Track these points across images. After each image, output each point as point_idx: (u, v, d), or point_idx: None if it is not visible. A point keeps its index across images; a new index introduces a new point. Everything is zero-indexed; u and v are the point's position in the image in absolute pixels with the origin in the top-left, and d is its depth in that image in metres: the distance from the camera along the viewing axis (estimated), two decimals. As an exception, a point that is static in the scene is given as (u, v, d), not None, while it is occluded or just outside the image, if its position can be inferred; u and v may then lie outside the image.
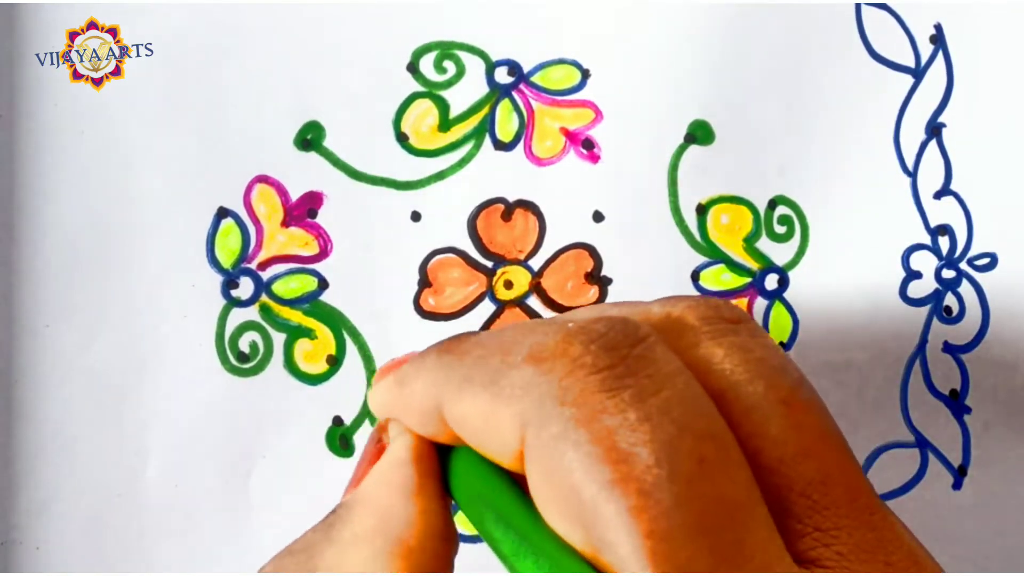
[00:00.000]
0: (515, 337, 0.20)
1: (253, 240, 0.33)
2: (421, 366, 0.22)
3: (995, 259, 0.34)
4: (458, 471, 0.22)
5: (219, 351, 0.33)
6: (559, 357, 0.19)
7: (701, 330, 0.21)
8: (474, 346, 0.21)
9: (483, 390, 0.20)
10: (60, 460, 0.33)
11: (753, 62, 0.33)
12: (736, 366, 0.20)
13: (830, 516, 0.20)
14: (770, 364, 0.21)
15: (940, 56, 0.34)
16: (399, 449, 0.22)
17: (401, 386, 0.22)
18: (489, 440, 0.20)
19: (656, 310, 0.21)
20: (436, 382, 0.21)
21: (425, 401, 0.21)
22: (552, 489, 0.18)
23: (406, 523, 0.21)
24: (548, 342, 0.19)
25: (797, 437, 0.20)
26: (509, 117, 0.34)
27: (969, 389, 0.33)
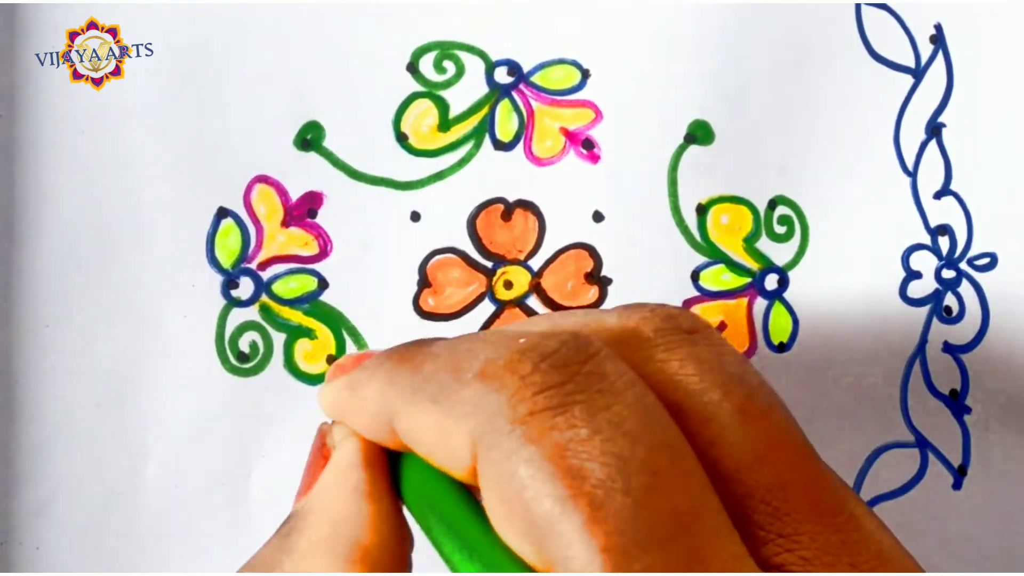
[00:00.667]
0: (468, 351, 0.20)
1: (253, 240, 0.33)
2: (373, 374, 0.22)
3: (995, 259, 0.34)
4: (409, 478, 0.22)
5: (219, 351, 0.33)
6: (509, 375, 0.19)
7: (656, 342, 0.21)
8: (427, 358, 0.21)
9: (434, 405, 0.20)
10: (60, 460, 0.33)
11: (753, 62, 0.33)
12: (691, 376, 0.20)
13: (791, 521, 0.20)
14: (726, 372, 0.21)
15: (940, 56, 0.34)
16: (348, 453, 0.22)
17: (352, 391, 0.22)
18: (441, 455, 0.20)
19: (612, 321, 0.21)
20: (387, 393, 0.21)
21: (376, 410, 0.21)
22: (506, 506, 0.18)
23: (362, 527, 0.21)
24: (499, 359, 0.19)
25: (754, 445, 0.20)
26: (509, 117, 0.34)
27: (969, 389, 0.33)
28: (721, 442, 0.20)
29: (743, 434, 0.20)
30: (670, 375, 0.20)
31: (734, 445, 0.20)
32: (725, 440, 0.20)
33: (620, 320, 0.22)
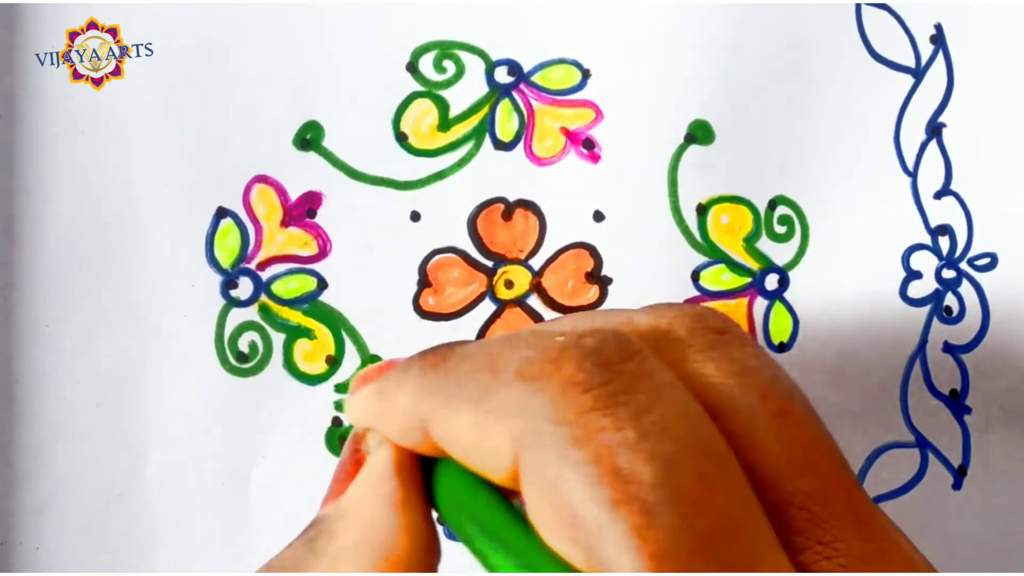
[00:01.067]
0: (502, 351, 0.20)
1: (252, 240, 0.33)
2: (404, 378, 0.21)
3: (995, 259, 0.33)
4: (444, 486, 0.21)
5: (218, 351, 0.33)
6: (551, 375, 0.19)
7: (689, 342, 0.21)
8: (460, 360, 0.20)
9: (473, 408, 0.19)
10: (60, 460, 0.33)
11: (753, 62, 0.33)
12: (728, 379, 0.20)
13: (830, 529, 0.19)
14: (762, 376, 0.20)
15: (940, 56, 0.34)
16: (381, 461, 0.22)
17: (382, 398, 0.22)
18: (480, 458, 0.20)
19: (642, 320, 0.21)
20: (420, 397, 0.21)
21: (408, 415, 0.21)
22: (551, 510, 0.18)
23: (392, 537, 0.21)
24: (538, 358, 0.19)
25: (793, 451, 0.20)
26: (509, 117, 0.34)
27: (969, 389, 0.33)
28: (761, 447, 0.19)
29: (782, 439, 0.20)
30: (707, 377, 0.20)
31: (773, 450, 0.19)
32: (764, 445, 0.19)
33: (649, 320, 0.21)
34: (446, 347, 0.21)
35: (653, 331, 0.21)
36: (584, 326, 0.21)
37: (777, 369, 0.21)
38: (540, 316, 0.34)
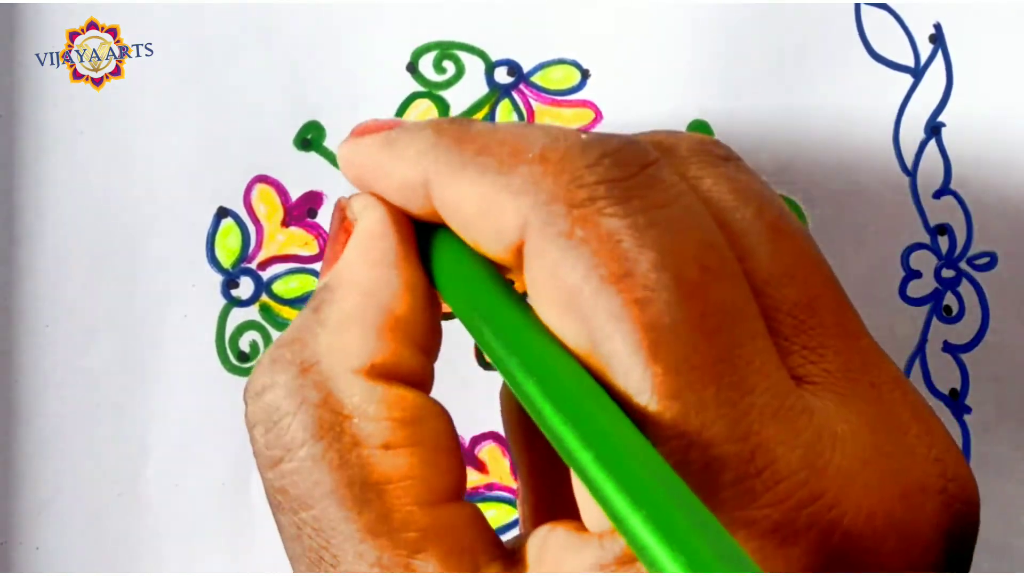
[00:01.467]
0: (525, 134, 0.20)
1: (253, 240, 0.34)
2: (417, 135, 0.21)
3: (995, 258, 0.34)
4: (440, 255, 0.21)
5: (219, 351, 0.33)
6: (573, 160, 0.19)
7: (690, 160, 0.21)
8: (480, 133, 0.20)
9: (487, 177, 0.19)
10: (60, 460, 0.33)
11: (752, 62, 0.34)
12: (725, 193, 0.20)
13: (816, 336, 0.20)
14: (758, 194, 0.21)
15: (940, 56, 0.34)
16: (373, 222, 0.22)
17: (389, 148, 0.22)
18: (482, 229, 0.20)
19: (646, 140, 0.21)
20: (432, 156, 0.20)
21: (413, 171, 0.21)
22: (552, 284, 0.18)
23: (392, 295, 0.21)
24: (561, 145, 0.19)
25: (784, 261, 0.20)
26: (509, 117, 0.34)
27: (969, 389, 0.33)
28: (753, 255, 0.20)
29: (774, 250, 0.20)
30: (704, 191, 0.20)
31: (765, 259, 0.20)
32: (757, 254, 0.20)
33: (655, 138, 0.21)
34: (460, 119, 0.21)
35: (658, 145, 0.21)
36: None
37: (773, 193, 0.21)
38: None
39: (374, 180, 0.22)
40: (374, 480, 0.19)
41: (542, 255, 0.18)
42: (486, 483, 0.33)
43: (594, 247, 0.18)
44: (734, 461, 0.17)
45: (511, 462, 0.33)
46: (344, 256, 0.22)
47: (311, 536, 0.20)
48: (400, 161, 0.21)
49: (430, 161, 0.20)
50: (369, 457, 0.20)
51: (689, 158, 0.21)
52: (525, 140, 0.20)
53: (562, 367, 0.18)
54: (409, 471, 0.20)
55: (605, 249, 0.18)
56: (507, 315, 0.19)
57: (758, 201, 0.21)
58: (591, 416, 0.17)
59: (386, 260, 0.21)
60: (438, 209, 0.21)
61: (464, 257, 0.21)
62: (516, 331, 0.19)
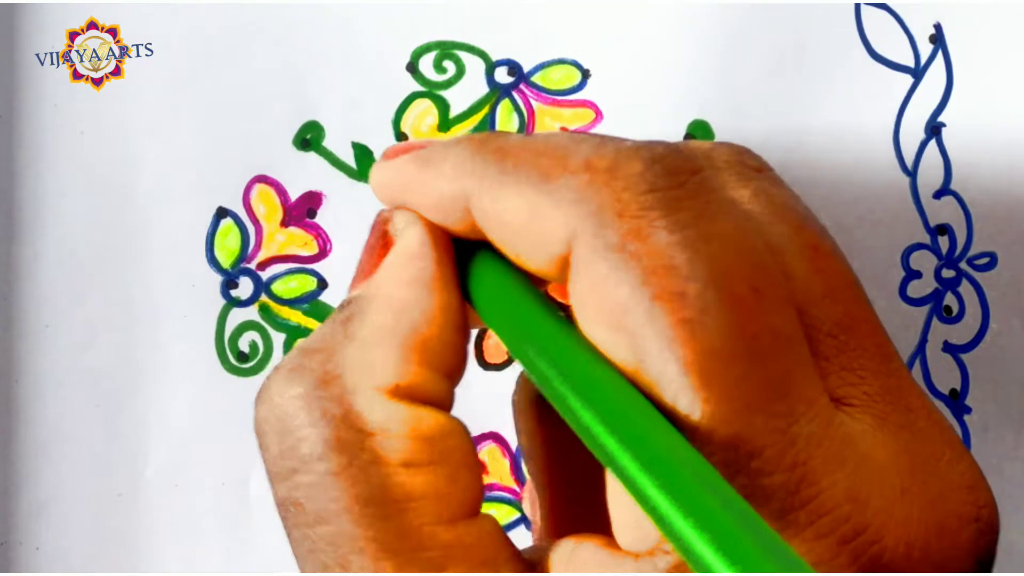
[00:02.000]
0: (567, 143, 0.19)
1: (252, 240, 0.34)
2: (453, 149, 0.21)
3: (995, 259, 0.33)
4: (480, 273, 0.21)
5: (219, 351, 0.33)
6: (620, 169, 0.18)
7: (727, 171, 0.20)
8: (520, 144, 0.20)
9: (532, 188, 0.19)
10: (60, 460, 0.33)
11: (752, 62, 0.33)
12: (763, 208, 0.20)
13: (856, 357, 0.19)
14: (796, 211, 0.20)
15: (940, 56, 0.34)
16: (412, 240, 0.21)
17: (424, 166, 0.21)
18: (526, 241, 0.19)
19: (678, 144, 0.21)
20: (470, 169, 0.20)
21: (451, 186, 0.20)
22: (600, 300, 0.18)
23: (424, 316, 0.20)
24: (608, 153, 0.19)
25: (823, 280, 0.20)
26: (509, 117, 0.34)
27: (969, 389, 0.33)
28: (793, 274, 0.19)
29: (813, 268, 0.20)
30: (743, 205, 0.20)
31: (804, 279, 0.19)
32: (796, 273, 0.19)
33: (688, 146, 0.21)
34: (496, 132, 0.21)
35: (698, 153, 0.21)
36: None
37: (809, 210, 0.21)
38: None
39: (411, 198, 0.22)
40: (394, 498, 0.19)
41: (590, 268, 0.18)
42: (486, 483, 0.33)
43: (645, 263, 0.17)
44: (780, 492, 0.17)
45: (511, 463, 0.33)
46: (380, 271, 0.21)
47: (326, 552, 0.19)
48: (438, 177, 0.21)
49: (469, 174, 0.20)
50: (390, 475, 0.19)
51: (726, 169, 0.20)
52: (568, 149, 0.19)
53: (613, 387, 0.18)
54: (430, 490, 0.19)
55: (656, 265, 0.17)
56: (551, 334, 0.19)
57: (796, 217, 0.20)
58: (646, 437, 0.17)
59: (423, 280, 0.21)
60: (479, 222, 0.20)
61: (504, 275, 0.20)
62: (562, 351, 0.18)
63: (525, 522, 0.33)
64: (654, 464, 0.16)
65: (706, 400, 0.17)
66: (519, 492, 0.33)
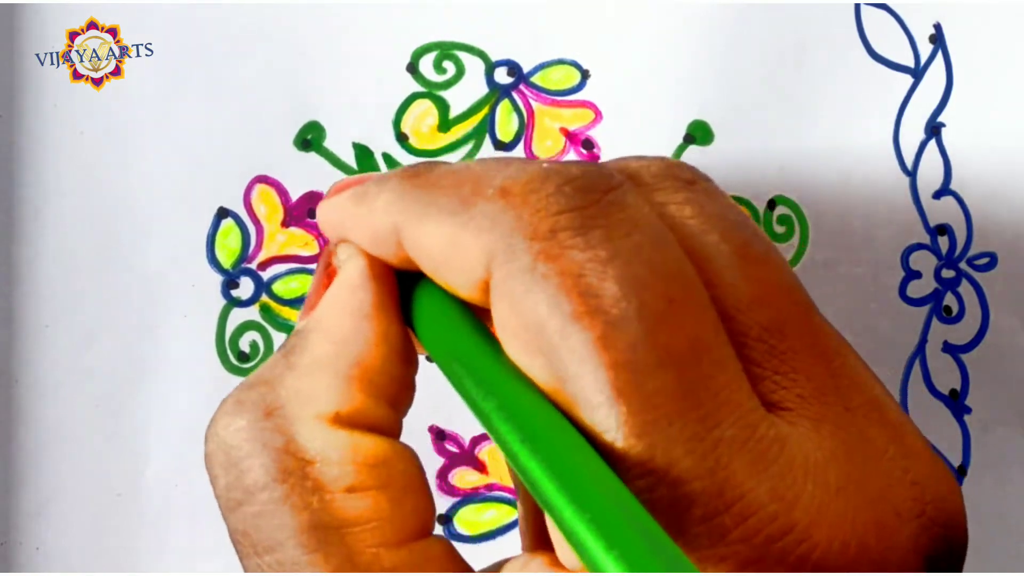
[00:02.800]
0: (486, 170, 0.20)
1: (253, 240, 0.34)
2: (383, 186, 0.21)
3: (995, 259, 0.34)
4: (419, 303, 0.21)
5: (219, 351, 0.33)
6: (532, 192, 0.19)
7: (655, 186, 0.21)
8: (442, 174, 0.20)
9: (450, 218, 0.19)
10: (60, 460, 0.33)
11: (753, 62, 0.34)
12: (691, 218, 0.20)
13: (788, 360, 0.19)
14: (725, 218, 0.21)
15: (939, 56, 0.34)
16: (352, 272, 0.22)
17: (359, 202, 0.22)
18: (450, 270, 0.20)
19: (611, 166, 0.21)
20: (397, 204, 0.20)
21: (383, 220, 0.21)
22: (517, 322, 0.18)
23: (363, 346, 0.21)
24: (521, 177, 0.19)
25: (752, 286, 0.20)
26: (509, 117, 0.34)
27: (969, 389, 0.33)
28: (720, 282, 0.19)
29: (742, 275, 0.20)
30: (669, 216, 0.20)
31: (733, 285, 0.20)
32: (724, 280, 0.20)
33: (619, 164, 0.21)
34: (426, 163, 0.21)
35: (622, 170, 0.21)
36: None
37: (742, 216, 0.21)
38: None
39: (350, 233, 0.22)
40: (338, 523, 0.19)
41: (505, 291, 0.18)
42: (486, 483, 0.33)
43: (556, 282, 0.18)
44: (702, 497, 0.17)
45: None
46: (321, 304, 0.22)
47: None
48: (371, 212, 0.21)
49: (397, 209, 0.20)
50: (332, 501, 0.19)
51: (654, 184, 0.21)
52: (486, 175, 0.19)
53: (531, 405, 0.18)
54: (374, 514, 0.20)
55: (568, 284, 0.18)
56: (476, 356, 0.19)
57: (724, 225, 0.20)
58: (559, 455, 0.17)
59: (361, 311, 0.21)
60: (410, 254, 0.21)
61: (439, 302, 0.21)
62: (484, 372, 0.19)
63: (525, 522, 0.33)
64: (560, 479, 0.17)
65: (622, 414, 0.17)
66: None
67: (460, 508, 0.33)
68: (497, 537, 0.33)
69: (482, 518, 0.33)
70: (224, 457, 0.20)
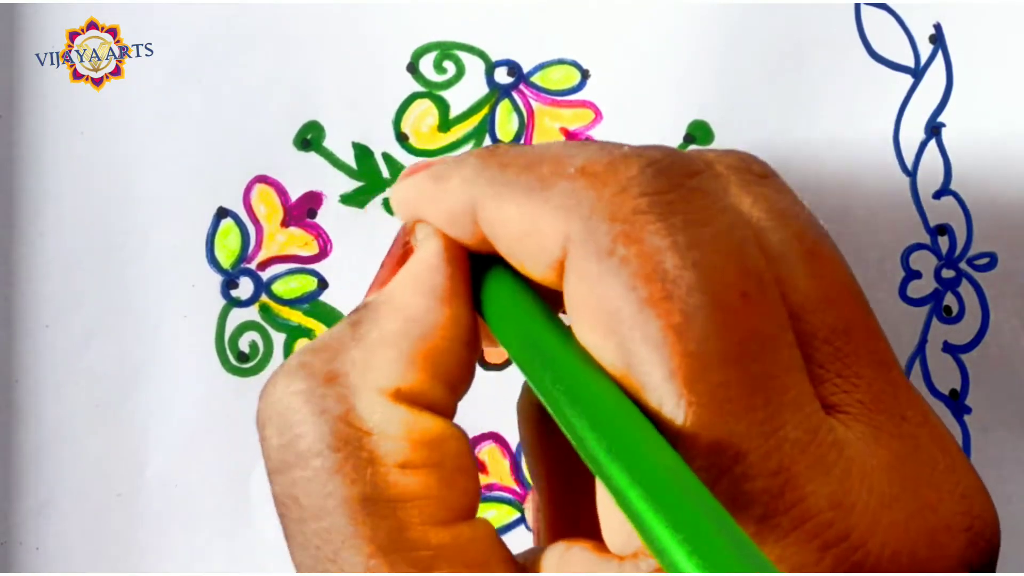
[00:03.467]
0: (566, 151, 0.20)
1: (253, 240, 0.34)
2: (460, 165, 0.21)
3: (995, 259, 0.34)
4: (490, 287, 0.21)
5: (219, 351, 0.33)
6: (614, 173, 0.19)
7: (729, 177, 0.20)
8: (521, 153, 0.20)
9: (528, 196, 0.19)
10: (60, 460, 0.33)
11: (753, 62, 0.33)
12: (763, 214, 0.20)
13: (851, 364, 0.19)
14: (796, 216, 0.20)
15: (940, 56, 0.34)
16: (429, 253, 0.22)
17: (436, 182, 0.22)
18: (525, 248, 0.20)
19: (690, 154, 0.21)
20: (476, 181, 0.20)
21: (460, 199, 0.21)
22: (591, 303, 0.18)
23: (432, 327, 0.21)
24: (603, 158, 0.19)
25: (821, 286, 0.20)
26: (509, 117, 0.34)
27: (969, 389, 0.33)
28: (789, 280, 0.19)
29: (811, 274, 0.20)
30: (743, 211, 0.20)
31: (802, 284, 0.19)
32: (793, 278, 0.19)
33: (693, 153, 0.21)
34: (503, 145, 0.21)
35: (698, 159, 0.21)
36: None
37: (812, 216, 0.21)
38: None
39: (425, 213, 0.22)
40: (388, 497, 0.19)
41: (581, 272, 0.18)
42: (486, 483, 0.33)
43: (634, 267, 0.18)
44: (763, 496, 0.17)
45: (511, 463, 0.33)
46: (395, 279, 0.22)
47: (319, 547, 0.20)
48: (447, 191, 0.21)
49: (474, 187, 0.20)
50: (386, 475, 0.19)
51: (728, 175, 0.20)
52: (566, 155, 0.19)
53: (600, 392, 0.18)
54: (425, 491, 0.20)
55: (645, 269, 0.18)
56: (547, 342, 0.19)
57: (797, 223, 0.20)
58: (628, 442, 0.17)
59: (435, 291, 0.21)
60: (486, 233, 0.21)
61: (511, 287, 0.21)
62: (555, 358, 0.19)
63: (525, 522, 0.33)
64: (633, 469, 0.17)
65: (690, 404, 0.17)
66: (519, 492, 0.33)
67: (460, 508, 0.33)
68: (497, 537, 0.33)
69: (482, 518, 0.33)
70: (279, 419, 0.20)
